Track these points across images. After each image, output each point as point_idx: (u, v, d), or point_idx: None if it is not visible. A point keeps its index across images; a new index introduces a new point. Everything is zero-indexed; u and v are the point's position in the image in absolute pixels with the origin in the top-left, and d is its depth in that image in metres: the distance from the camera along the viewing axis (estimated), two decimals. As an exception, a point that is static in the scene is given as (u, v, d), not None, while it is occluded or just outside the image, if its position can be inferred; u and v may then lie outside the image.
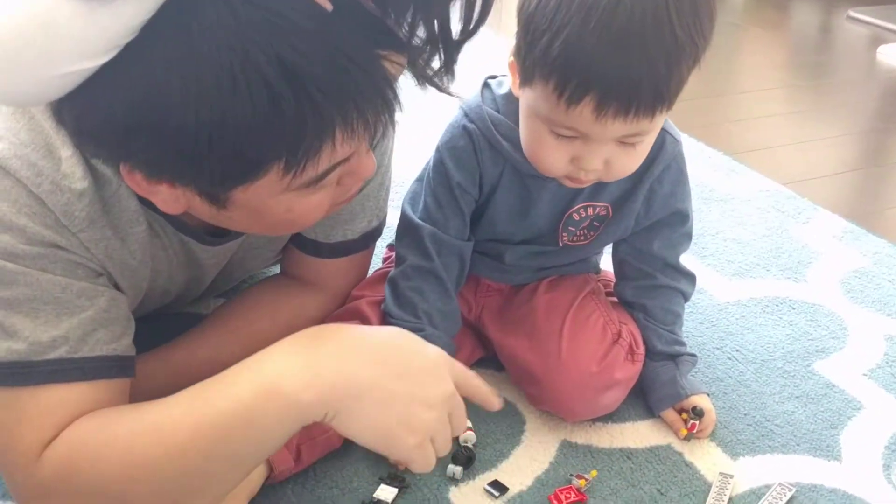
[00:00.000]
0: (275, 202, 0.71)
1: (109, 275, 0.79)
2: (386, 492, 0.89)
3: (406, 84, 0.73)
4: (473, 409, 1.01)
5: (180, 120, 0.61)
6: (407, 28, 0.69)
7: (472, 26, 0.72)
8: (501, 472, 0.94)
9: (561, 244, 1.02)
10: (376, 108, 0.67)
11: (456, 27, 0.72)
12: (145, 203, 0.77)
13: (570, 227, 1.00)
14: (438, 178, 0.97)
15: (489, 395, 0.77)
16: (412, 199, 1.01)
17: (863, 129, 2.06)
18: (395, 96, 0.69)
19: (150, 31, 0.60)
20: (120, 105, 0.62)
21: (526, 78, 0.83)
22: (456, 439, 0.96)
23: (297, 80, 0.61)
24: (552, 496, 0.91)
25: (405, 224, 1.00)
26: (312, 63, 0.62)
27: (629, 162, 0.87)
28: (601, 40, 0.75)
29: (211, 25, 0.60)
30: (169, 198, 0.70)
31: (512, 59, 0.86)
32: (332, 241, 0.99)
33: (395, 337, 0.73)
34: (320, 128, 0.65)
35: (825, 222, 1.52)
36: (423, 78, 0.74)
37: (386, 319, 0.97)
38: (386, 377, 0.68)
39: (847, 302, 1.29)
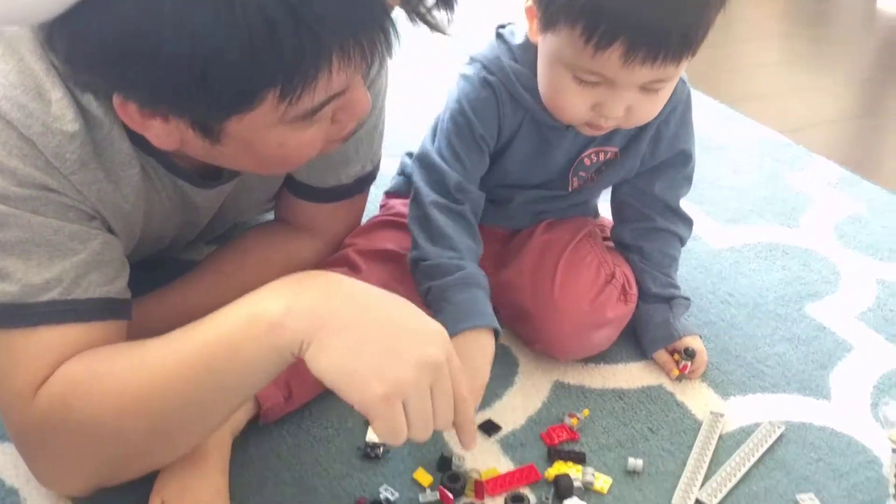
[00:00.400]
0: (268, 135, 0.70)
1: (103, 218, 0.79)
2: (373, 433, 0.89)
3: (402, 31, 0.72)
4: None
5: (175, 47, 0.60)
6: None
7: None
8: (494, 412, 0.95)
9: (570, 189, 1.03)
10: (373, 37, 0.66)
11: None
12: (138, 145, 0.77)
13: (580, 172, 1.01)
14: (459, 130, 0.95)
15: (470, 422, 0.73)
16: (432, 135, 0.99)
17: (861, 78, 2.05)
18: (393, 25, 0.68)
19: None
20: (113, 31, 0.61)
21: (548, 23, 0.83)
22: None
23: (295, 7, 0.61)
24: (544, 434, 0.92)
25: (429, 163, 0.96)
26: None
27: (650, 108, 0.88)
28: None
29: None
30: (162, 132, 0.70)
31: (530, 3, 0.86)
32: (325, 185, 0.98)
33: (392, 297, 0.72)
34: (317, 55, 0.64)
35: (820, 170, 1.52)
36: (416, 13, 0.73)
37: (416, 268, 0.94)
38: (368, 321, 0.67)
39: (840, 247, 1.30)
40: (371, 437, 0.90)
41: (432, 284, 0.91)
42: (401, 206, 1.09)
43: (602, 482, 0.86)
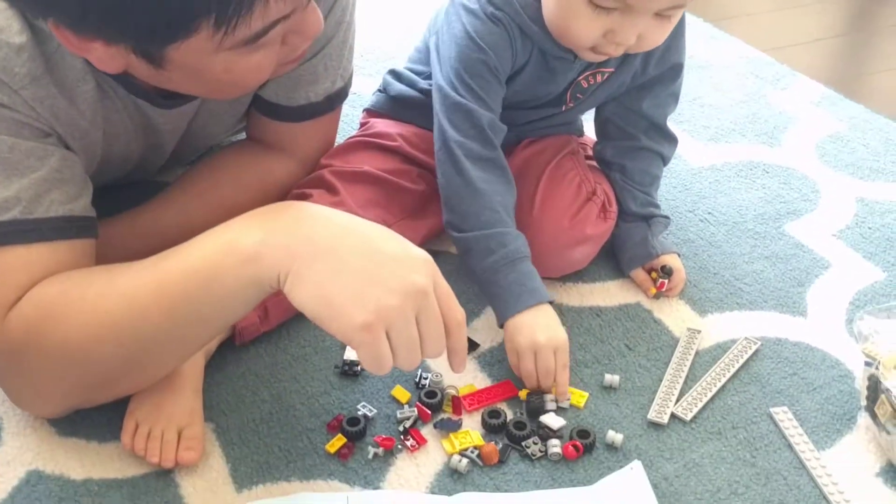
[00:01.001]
0: (212, 62, 0.68)
1: (59, 135, 0.77)
2: (351, 351, 0.89)
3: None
4: (446, 269, 1.01)
5: None
6: None
7: None
8: (472, 330, 0.95)
9: (564, 108, 1.01)
10: None
11: None
12: None
13: (577, 94, 1.00)
14: (476, 66, 0.91)
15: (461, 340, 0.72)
16: (440, 66, 0.95)
17: (847, -5, 2.01)
18: None
19: None
20: None
21: None
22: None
23: None
24: None
25: (453, 105, 0.92)
26: None
27: (660, 35, 0.87)
28: None
29: None
30: (104, 55, 0.67)
31: None
32: (295, 103, 0.96)
33: (373, 225, 0.70)
34: None
35: (803, 88, 1.50)
36: None
37: (453, 235, 0.92)
38: (346, 248, 0.65)
39: (821, 165, 1.29)
40: (349, 354, 0.90)
41: (477, 267, 0.90)
42: (382, 125, 1.06)
43: (577, 397, 0.87)
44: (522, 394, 0.87)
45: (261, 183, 0.98)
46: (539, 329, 0.86)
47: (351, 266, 0.64)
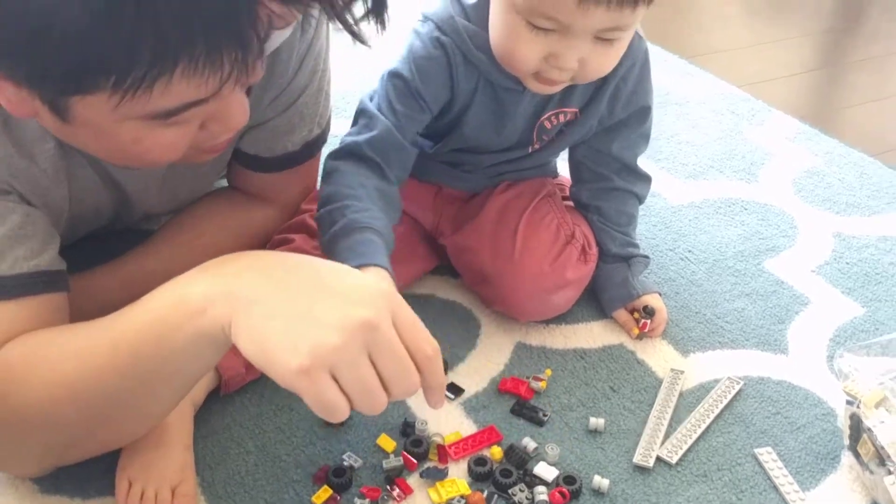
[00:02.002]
0: (118, 127, 0.65)
1: (19, 193, 0.76)
2: None
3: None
4: (431, 314, 1.03)
5: (11, 7, 0.56)
6: None
7: None
8: (457, 375, 0.95)
9: (531, 150, 1.01)
10: (230, 52, 0.60)
11: None
12: None
13: (542, 136, 1.00)
14: (398, 83, 0.91)
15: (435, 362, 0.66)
16: (371, 93, 0.96)
17: (820, 29, 2.05)
18: (258, 42, 0.62)
19: None
20: None
21: None
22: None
23: None
24: (505, 381, 0.94)
25: (361, 109, 0.93)
26: None
27: (604, 62, 0.86)
28: None
29: None
30: (14, 97, 0.64)
31: None
32: (273, 154, 0.96)
33: (321, 263, 0.67)
34: (159, 55, 0.58)
35: (779, 124, 1.53)
36: (341, 22, 0.67)
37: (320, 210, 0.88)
38: (282, 291, 0.61)
39: (798, 201, 1.31)
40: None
41: (322, 245, 0.85)
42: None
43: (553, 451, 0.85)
44: (496, 452, 0.86)
45: (244, 230, 0.98)
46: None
47: (287, 308, 0.60)
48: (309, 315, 0.59)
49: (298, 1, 0.64)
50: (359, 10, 0.69)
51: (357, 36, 0.69)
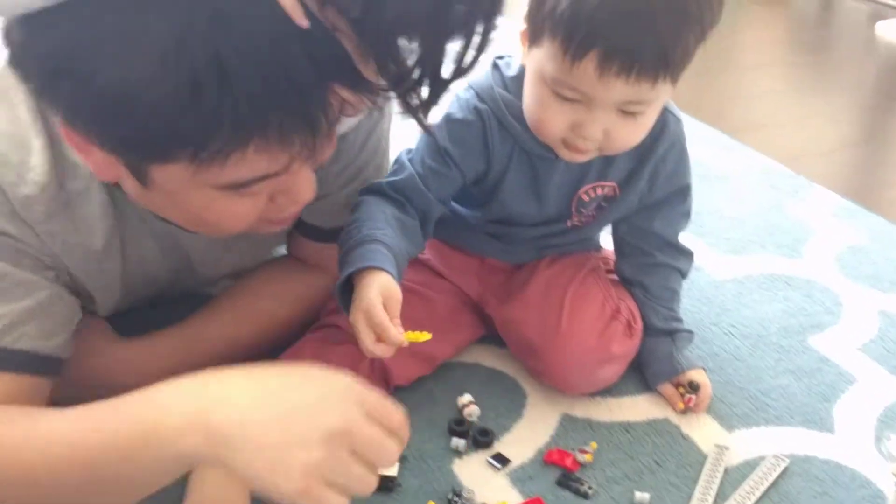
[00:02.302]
0: (192, 195, 0.70)
1: (63, 268, 0.81)
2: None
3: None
4: (476, 382, 1.05)
5: (105, 77, 0.62)
6: (395, 65, 0.69)
7: (466, 66, 0.71)
8: (504, 445, 0.97)
9: (570, 225, 1.04)
10: (301, 134, 0.67)
11: (449, 66, 0.71)
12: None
13: (581, 209, 1.02)
14: (431, 142, 0.96)
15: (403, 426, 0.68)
16: (408, 150, 1.00)
17: (861, 105, 2.07)
18: (328, 127, 0.69)
19: None
20: (59, 42, 0.63)
21: (535, 38, 0.85)
22: (461, 410, 0.99)
23: (226, 80, 0.62)
24: (550, 453, 0.95)
25: (395, 161, 0.99)
26: (248, 70, 0.62)
27: (629, 135, 0.89)
28: None
29: (164, 3, 0.61)
30: (101, 162, 0.70)
31: (524, 26, 0.88)
32: (332, 225, 0.99)
33: (291, 375, 0.68)
34: (235, 133, 0.64)
35: (821, 199, 1.54)
36: (407, 109, 0.73)
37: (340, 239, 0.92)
38: (259, 424, 0.63)
39: (842, 278, 1.32)
40: (381, 470, 0.91)
41: (338, 260, 0.89)
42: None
43: (416, 336, 0.84)
44: None
45: (300, 297, 1.02)
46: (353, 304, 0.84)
47: (264, 441, 0.62)
48: (289, 438, 0.62)
49: (368, 91, 0.69)
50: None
51: (423, 125, 0.74)
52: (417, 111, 0.73)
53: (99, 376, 0.93)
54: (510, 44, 0.92)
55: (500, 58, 0.99)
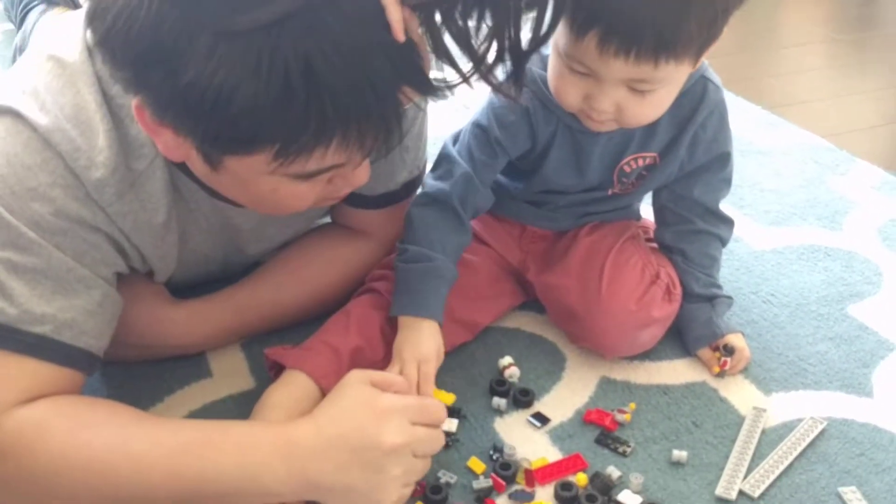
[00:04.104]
0: (261, 180, 0.74)
1: (135, 246, 0.85)
2: (449, 423, 0.91)
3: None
4: (517, 346, 1.07)
5: (196, 73, 0.64)
6: (476, 43, 0.74)
7: (542, 35, 0.76)
8: (543, 405, 0.99)
9: (611, 193, 1.06)
10: (376, 134, 0.72)
11: (525, 37, 0.76)
12: (181, 169, 0.82)
13: (623, 179, 1.04)
14: (478, 132, 0.99)
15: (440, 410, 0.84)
16: (454, 137, 1.04)
17: (904, 82, 2.05)
18: (400, 129, 0.74)
19: None
20: (151, 34, 0.64)
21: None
22: (502, 372, 1.02)
23: (315, 84, 0.65)
24: (590, 413, 0.98)
25: (444, 155, 1.02)
26: (335, 75, 0.65)
27: (642, 111, 0.90)
28: None
29: (258, 4, 0.63)
30: (171, 143, 0.73)
31: None
32: (375, 192, 1.03)
33: (345, 422, 0.78)
34: (319, 132, 0.68)
35: (863, 173, 1.54)
36: (491, 86, 0.80)
37: (398, 255, 1.00)
38: (342, 470, 0.76)
39: (883, 249, 1.31)
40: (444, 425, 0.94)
41: (403, 266, 0.98)
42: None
43: (443, 396, 0.92)
44: (581, 479, 0.89)
45: (346, 263, 1.06)
46: (409, 344, 0.94)
47: (352, 483, 0.77)
48: (372, 476, 0.77)
49: (435, 93, 0.75)
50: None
51: (514, 98, 0.82)
52: (506, 88, 0.78)
53: (155, 336, 0.98)
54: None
55: None
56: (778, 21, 2.43)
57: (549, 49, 0.97)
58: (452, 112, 1.49)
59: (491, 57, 0.78)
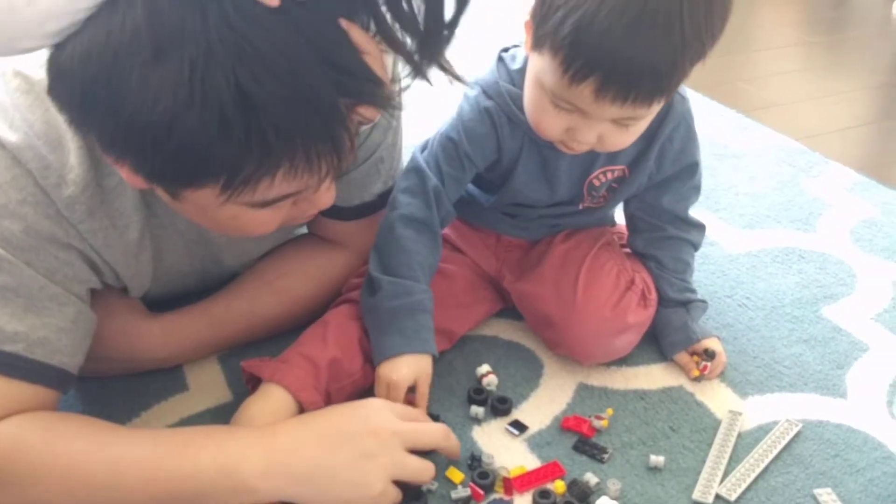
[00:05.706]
0: (220, 209, 0.73)
1: (107, 262, 0.84)
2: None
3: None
4: (495, 354, 1.08)
5: (134, 109, 0.63)
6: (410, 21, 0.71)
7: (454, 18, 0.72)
8: (521, 413, 1.00)
9: (581, 207, 1.07)
10: (327, 155, 0.69)
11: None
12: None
13: (592, 192, 1.05)
14: (446, 145, 0.99)
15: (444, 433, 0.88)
16: (423, 146, 1.03)
17: (876, 84, 2.07)
18: (353, 148, 0.71)
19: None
20: (89, 70, 0.63)
21: (537, 44, 0.87)
22: (480, 380, 1.02)
23: (251, 111, 0.63)
24: (567, 420, 0.98)
25: (414, 167, 1.01)
26: (271, 97, 0.63)
27: (622, 139, 0.91)
28: (612, 27, 0.78)
29: (181, 31, 0.61)
30: (130, 175, 0.72)
31: (528, 19, 0.90)
32: (350, 204, 1.02)
33: (334, 415, 0.83)
34: (264, 160, 0.66)
35: (836, 175, 1.55)
36: (443, 69, 0.77)
37: (371, 283, 0.98)
38: (327, 455, 0.78)
39: (856, 250, 1.33)
40: None
41: (381, 305, 0.96)
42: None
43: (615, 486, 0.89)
44: (559, 486, 0.89)
45: (322, 274, 1.05)
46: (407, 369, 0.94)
47: (335, 465, 0.79)
48: (356, 458, 0.79)
49: (389, 105, 0.72)
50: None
51: (458, 77, 0.79)
52: (448, 68, 0.75)
53: (130, 350, 0.97)
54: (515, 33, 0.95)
55: (506, 50, 1.00)
56: (751, 24, 2.45)
57: (516, 64, 0.97)
58: (426, 121, 1.49)
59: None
